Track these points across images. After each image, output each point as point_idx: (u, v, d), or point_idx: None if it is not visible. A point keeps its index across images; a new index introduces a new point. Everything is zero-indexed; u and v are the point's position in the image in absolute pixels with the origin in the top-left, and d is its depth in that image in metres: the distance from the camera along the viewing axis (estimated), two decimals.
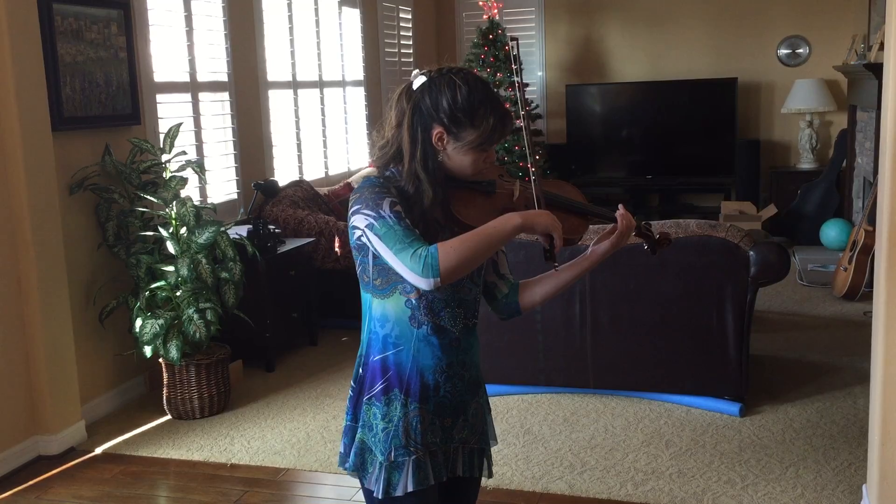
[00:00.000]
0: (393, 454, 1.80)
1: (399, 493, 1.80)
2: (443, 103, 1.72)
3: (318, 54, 6.21)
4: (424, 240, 1.69)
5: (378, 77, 7.12)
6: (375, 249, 1.71)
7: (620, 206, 1.90)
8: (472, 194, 1.81)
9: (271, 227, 4.82)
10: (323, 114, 6.30)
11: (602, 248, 1.88)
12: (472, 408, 1.91)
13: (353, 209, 1.74)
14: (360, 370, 1.87)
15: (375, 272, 1.79)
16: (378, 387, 1.82)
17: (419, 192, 1.74)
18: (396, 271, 1.70)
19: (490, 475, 2.02)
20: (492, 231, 1.66)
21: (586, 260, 1.90)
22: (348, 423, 1.89)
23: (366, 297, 1.84)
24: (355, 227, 1.74)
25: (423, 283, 1.65)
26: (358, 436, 1.85)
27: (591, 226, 1.93)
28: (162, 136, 4.20)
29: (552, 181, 1.96)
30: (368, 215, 1.70)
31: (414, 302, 1.79)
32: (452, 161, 1.76)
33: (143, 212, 4.04)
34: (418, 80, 1.76)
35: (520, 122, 6.94)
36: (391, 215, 1.68)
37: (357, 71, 6.85)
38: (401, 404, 1.80)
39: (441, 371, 1.82)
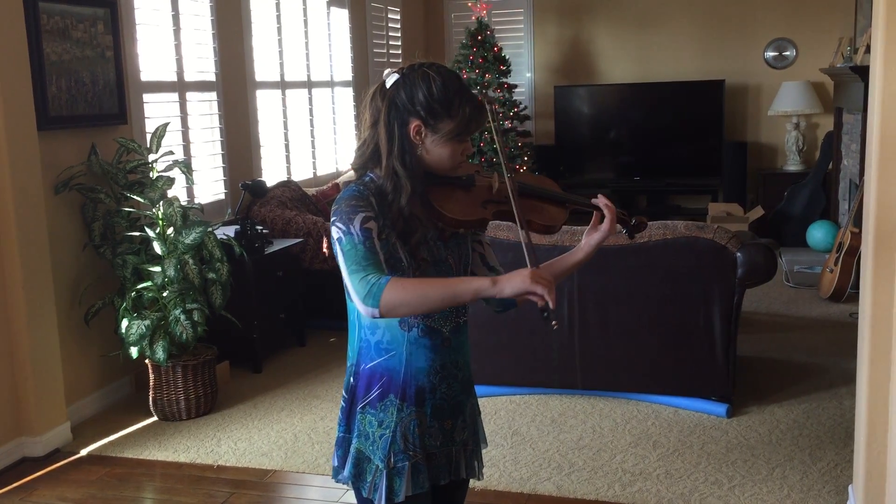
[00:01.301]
0: (393, 459, 1.80)
1: (401, 498, 1.79)
2: (419, 96, 1.72)
3: (307, 54, 6.19)
4: (384, 265, 1.68)
5: (366, 77, 7.11)
6: (339, 262, 1.72)
7: (600, 195, 1.91)
8: (451, 189, 1.81)
9: (259, 227, 4.80)
10: (311, 114, 6.29)
11: (595, 238, 1.89)
12: (468, 408, 1.92)
13: (331, 220, 1.75)
14: (352, 379, 1.86)
15: None
16: (373, 394, 1.81)
17: (397, 189, 1.74)
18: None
19: (480, 477, 2.01)
20: (453, 285, 1.64)
21: (580, 251, 1.90)
22: (341, 434, 1.87)
23: (353, 306, 1.83)
24: (332, 238, 1.75)
25: (363, 310, 1.64)
26: (354, 445, 1.83)
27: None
28: (149, 136, 4.18)
29: (530, 174, 1.97)
30: (340, 228, 1.70)
31: None
32: (431, 155, 1.76)
33: (130, 212, 4.02)
34: (391, 78, 1.76)
35: (509, 124, 6.88)
36: (359, 232, 1.68)
37: (345, 71, 6.84)
38: (396, 409, 1.80)
39: (435, 372, 1.82)
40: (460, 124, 1.74)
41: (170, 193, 4.03)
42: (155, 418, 4.07)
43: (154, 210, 3.94)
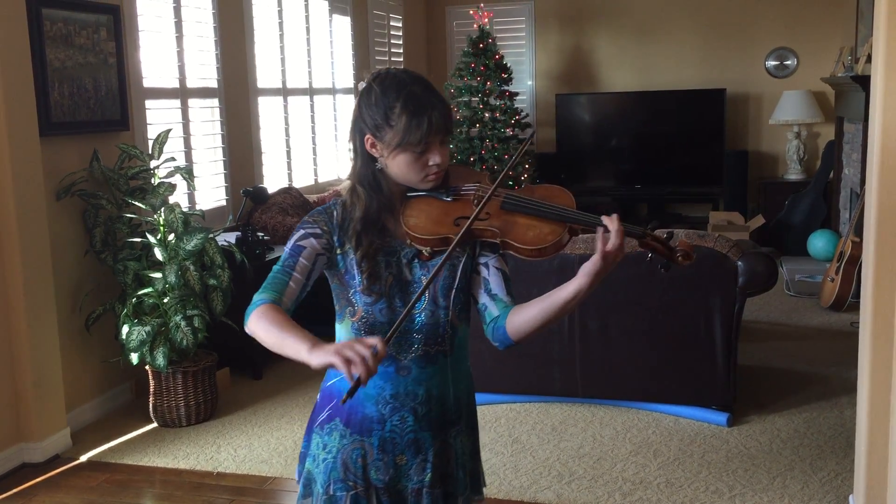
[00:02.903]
0: (332, 487, 1.73)
1: None
2: (363, 109, 1.69)
3: (309, 61, 6.20)
4: (287, 290, 1.67)
5: None
6: None
7: (614, 215, 1.63)
8: (428, 202, 1.72)
9: (260, 234, 4.80)
10: (313, 121, 6.30)
11: (587, 267, 1.61)
12: (435, 448, 1.75)
13: None
14: (318, 395, 1.82)
15: (334, 297, 1.78)
16: (324, 415, 1.76)
17: (354, 202, 1.72)
18: (343, 294, 1.73)
19: None
20: (284, 338, 1.56)
21: (571, 284, 1.63)
22: (302, 449, 1.83)
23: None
24: None
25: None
26: (306, 464, 1.79)
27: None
28: (151, 142, 4.19)
29: (539, 186, 1.77)
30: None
31: (356, 325, 1.72)
32: (391, 168, 1.70)
33: (131, 218, 4.02)
34: (361, 87, 1.74)
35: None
36: (290, 248, 1.71)
37: (347, 78, 6.85)
38: (339, 435, 1.73)
39: (384, 402, 1.72)
40: (399, 135, 1.65)
41: (171, 200, 4.04)
42: (155, 424, 4.07)
43: (155, 216, 3.94)
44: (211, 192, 5.13)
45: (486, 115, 7.19)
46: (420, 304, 1.71)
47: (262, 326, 1.59)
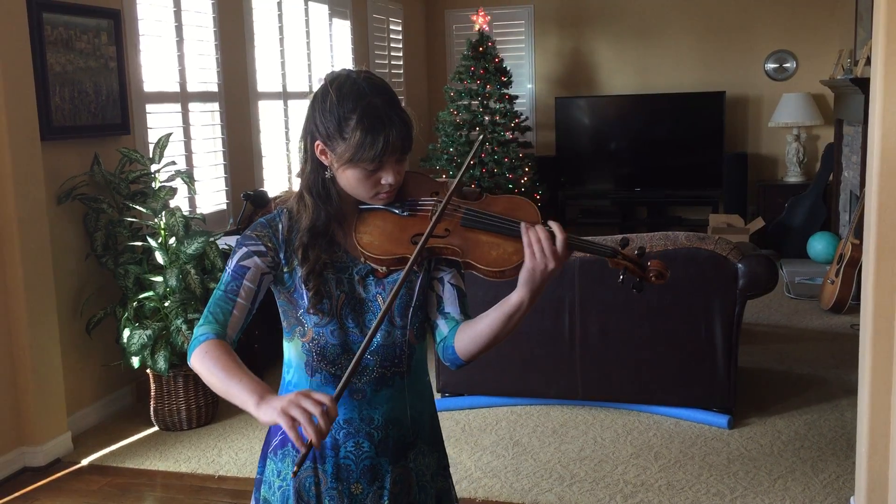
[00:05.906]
0: None
1: None
2: (317, 113, 1.56)
3: (309, 65, 6.22)
4: (229, 318, 1.57)
5: None
6: None
7: (523, 225, 1.51)
8: (382, 217, 1.59)
9: None
10: None
11: (523, 275, 1.50)
12: (393, 474, 1.65)
13: None
14: None
15: (281, 313, 1.67)
16: (277, 440, 1.67)
17: (300, 213, 1.60)
18: (292, 313, 1.62)
19: None
20: (233, 384, 1.46)
21: (515, 292, 1.52)
22: (257, 475, 1.73)
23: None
24: None
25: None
26: (262, 491, 1.69)
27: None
28: (151, 146, 4.20)
29: (501, 197, 1.61)
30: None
31: (307, 346, 1.63)
32: (342, 180, 1.58)
33: (132, 222, 4.03)
34: (317, 86, 1.61)
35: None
36: (232, 270, 1.59)
37: None
38: (292, 461, 1.63)
39: (338, 427, 1.61)
40: (352, 149, 1.52)
41: (172, 203, 4.05)
42: (156, 428, 4.07)
43: (156, 220, 3.95)
44: (211, 195, 5.13)
45: (486, 118, 7.19)
46: (384, 327, 1.59)
47: (207, 367, 1.49)
